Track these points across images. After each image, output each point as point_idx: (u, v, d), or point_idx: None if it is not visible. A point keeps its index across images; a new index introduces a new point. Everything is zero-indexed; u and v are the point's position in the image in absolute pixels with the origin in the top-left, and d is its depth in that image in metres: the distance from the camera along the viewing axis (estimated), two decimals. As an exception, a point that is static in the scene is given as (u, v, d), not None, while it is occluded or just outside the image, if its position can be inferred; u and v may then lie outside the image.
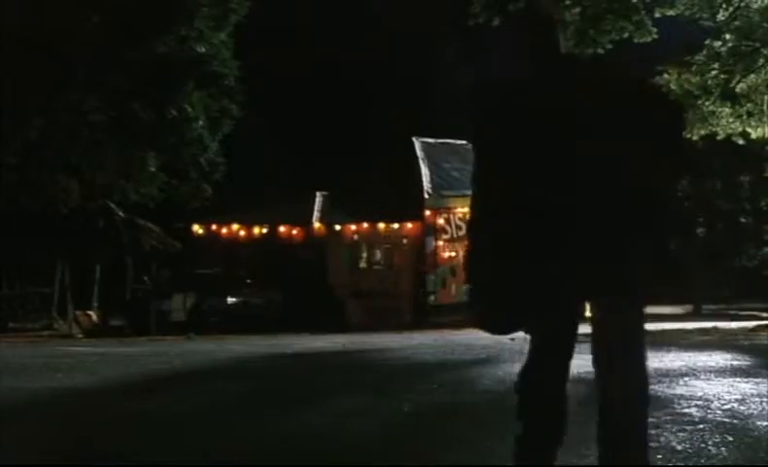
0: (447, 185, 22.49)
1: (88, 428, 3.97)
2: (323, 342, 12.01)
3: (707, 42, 14.42)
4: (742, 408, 4.09)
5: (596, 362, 2.66)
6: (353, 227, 21.22)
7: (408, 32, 34.15)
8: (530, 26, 2.81)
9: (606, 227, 2.52)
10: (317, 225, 21.16)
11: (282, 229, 21.34)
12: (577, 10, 12.97)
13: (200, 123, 18.53)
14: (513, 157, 2.58)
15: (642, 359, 2.62)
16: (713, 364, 6.08)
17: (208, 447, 3.46)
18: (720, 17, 13.94)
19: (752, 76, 14.43)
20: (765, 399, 4.31)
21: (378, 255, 21.40)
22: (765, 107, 14.95)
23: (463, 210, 22.38)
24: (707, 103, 14.68)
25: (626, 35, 13.22)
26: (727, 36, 14.06)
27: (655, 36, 13.22)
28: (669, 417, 3.83)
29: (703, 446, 3.25)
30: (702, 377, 5.29)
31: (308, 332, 13.84)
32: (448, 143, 25.33)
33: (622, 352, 2.61)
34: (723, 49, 14.10)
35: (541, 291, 2.53)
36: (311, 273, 19.46)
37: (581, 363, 6.69)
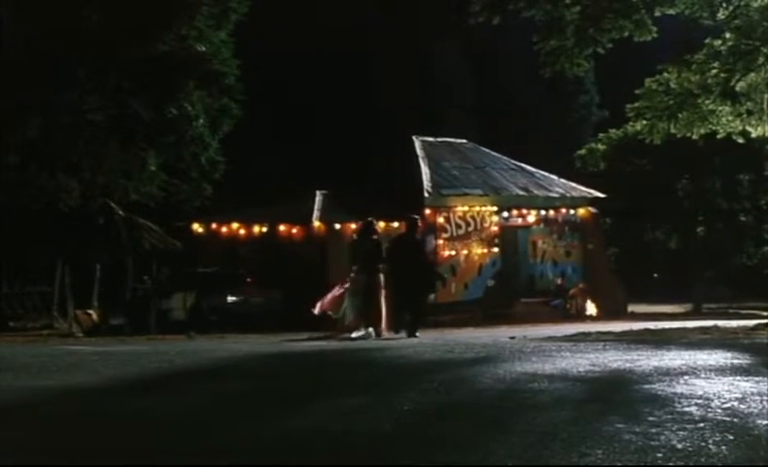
0: (447, 184, 22.48)
1: (88, 428, 3.97)
2: (323, 341, 12.04)
3: (707, 40, 14.43)
4: (742, 406, 4.09)
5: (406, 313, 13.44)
6: (353, 226, 21.20)
7: (409, 31, 34.13)
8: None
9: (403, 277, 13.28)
10: (317, 224, 21.14)
11: (282, 227, 21.33)
12: (577, 9, 12.97)
13: (200, 121, 18.55)
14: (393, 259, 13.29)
15: (414, 314, 13.33)
16: (713, 362, 6.08)
17: (208, 446, 3.46)
18: (720, 15, 13.95)
19: (752, 75, 14.43)
20: (766, 398, 4.31)
21: (378, 254, 21.35)
22: (765, 106, 14.94)
23: (463, 209, 22.39)
24: (707, 102, 14.68)
25: (626, 34, 13.22)
26: (727, 35, 14.06)
27: (655, 35, 13.22)
28: (669, 416, 3.83)
29: (703, 444, 3.25)
30: (702, 375, 5.29)
31: (308, 330, 13.84)
32: (448, 142, 25.32)
33: (411, 311, 13.37)
34: (723, 47, 14.10)
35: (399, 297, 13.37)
36: (311, 272, 19.44)
37: (581, 363, 6.67)
